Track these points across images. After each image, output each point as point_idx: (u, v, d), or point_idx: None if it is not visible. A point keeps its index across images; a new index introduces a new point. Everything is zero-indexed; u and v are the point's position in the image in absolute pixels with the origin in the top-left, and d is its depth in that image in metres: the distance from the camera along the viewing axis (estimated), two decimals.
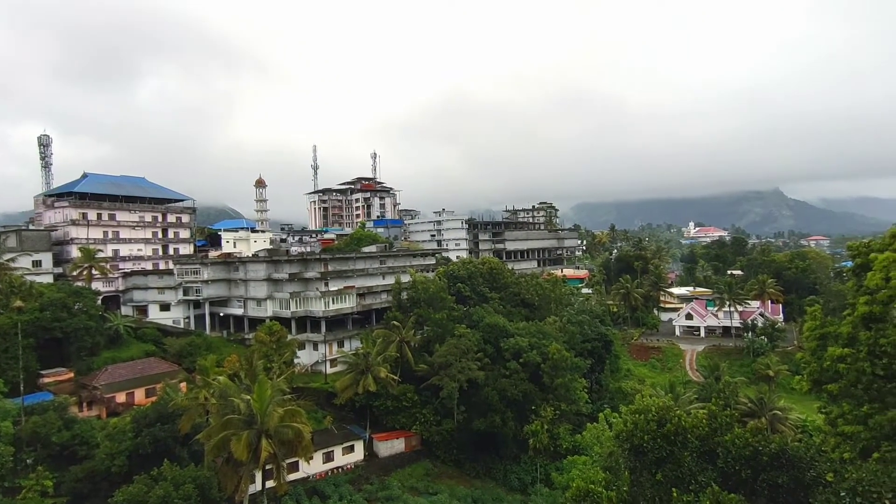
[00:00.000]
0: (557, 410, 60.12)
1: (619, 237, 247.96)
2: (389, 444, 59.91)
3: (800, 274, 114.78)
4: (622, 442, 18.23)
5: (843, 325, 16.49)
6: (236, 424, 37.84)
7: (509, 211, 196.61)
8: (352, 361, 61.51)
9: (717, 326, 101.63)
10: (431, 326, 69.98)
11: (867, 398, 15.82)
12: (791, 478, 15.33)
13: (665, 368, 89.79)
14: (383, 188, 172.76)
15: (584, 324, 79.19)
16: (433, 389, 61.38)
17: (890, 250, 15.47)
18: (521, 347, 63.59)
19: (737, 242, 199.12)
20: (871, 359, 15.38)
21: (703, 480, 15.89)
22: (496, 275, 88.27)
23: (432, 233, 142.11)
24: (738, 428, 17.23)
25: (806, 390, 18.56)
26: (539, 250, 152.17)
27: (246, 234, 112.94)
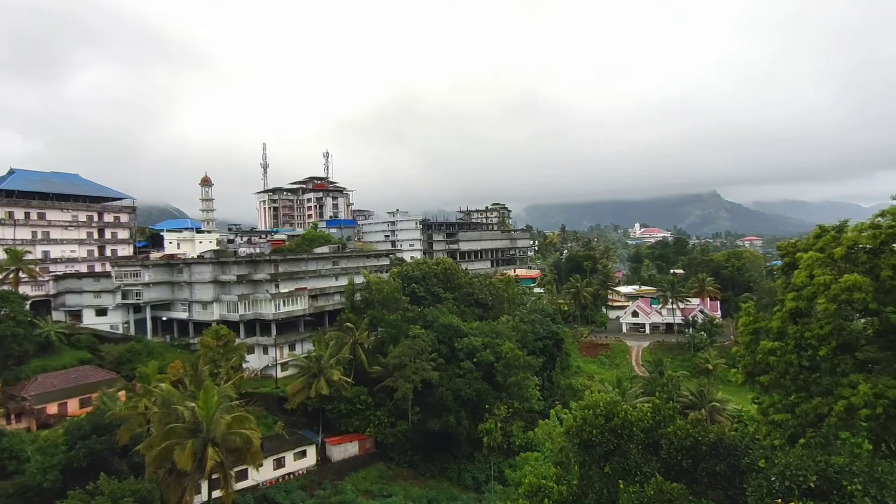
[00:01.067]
0: (510, 408, 61.01)
1: (569, 238, 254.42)
2: (343, 447, 59.01)
3: (735, 272, 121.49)
4: (572, 437, 18.67)
5: (774, 321, 17.61)
6: (180, 433, 36.25)
7: (463, 212, 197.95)
8: (304, 365, 60.19)
9: (661, 323, 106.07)
10: (385, 328, 69.48)
11: (794, 388, 16.97)
12: (728, 465, 16.09)
13: (613, 364, 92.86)
14: (336, 188, 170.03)
15: (536, 323, 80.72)
16: (387, 391, 60.95)
17: (814, 250, 16.65)
18: (474, 347, 64.13)
19: (678, 243, 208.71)
20: (798, 351, 16.50)
21: (647, 471, 16.43)
22: (450, 275, 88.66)
23: (386, 233, 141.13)
24: (679, 420, 17.95)
25: (741, 382, 19.69)
26: (492, 251, 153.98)
27: (191, 235, 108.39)
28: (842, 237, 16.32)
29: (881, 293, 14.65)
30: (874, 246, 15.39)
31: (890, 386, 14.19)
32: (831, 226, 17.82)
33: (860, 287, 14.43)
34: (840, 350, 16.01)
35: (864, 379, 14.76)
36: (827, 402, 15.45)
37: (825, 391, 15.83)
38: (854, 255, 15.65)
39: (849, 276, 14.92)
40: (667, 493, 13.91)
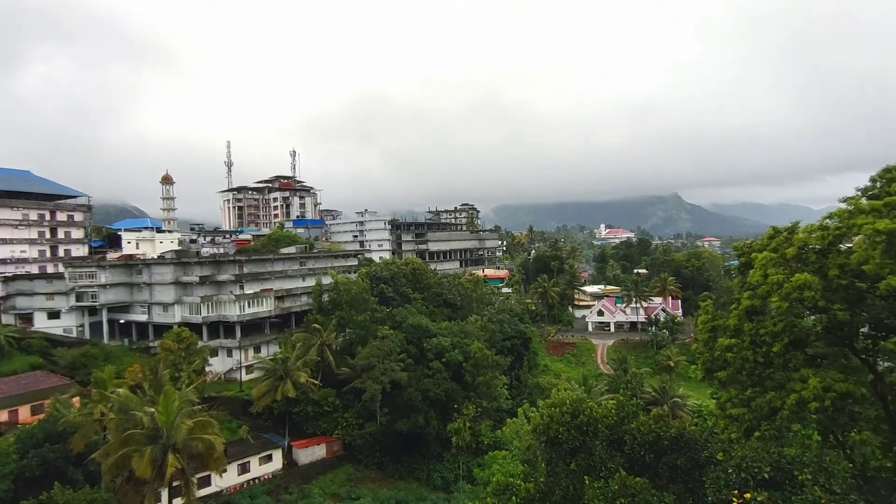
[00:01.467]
0: (479, 408, 61.34)
1: (536, 238, 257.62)
2: (310, 450, 58.16)
3: (695, 272, 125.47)
4: (539, 435, 18.93)
5: (731, 318, 18.29)
6: (138, 440, 35.01)
7: (432, 212, 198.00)
8: (269, 367, 59.04)
9: (626, 322, 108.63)
10: (354, 328, 68.85)
11: (750, 383, 17.66)
12: (688, 459, 16.55)
13: (579, 363, 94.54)
14: (303, 187, 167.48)
15: (504, 322, 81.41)
16: (356, 392, 60.42)
17: (768, 250, 17.37)
18: (443, 347, 64.23)
19: (642, 243, 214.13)
20: (753, 347, 17.18)
21: (612, 466, 16.75)
22: (419, 275, 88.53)
23: (355, 234, 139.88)
24: (642, 416, 18.38)
25: (700, 378, 20.36)
26: (461, 251, 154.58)
27: (150, 235, 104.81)
28: (793, 238, 17.07)
29: (829, 291, 15.39)
30: (823, 246, 16.15)
31: (837, 380, 14.93)
32: (784, 227, 18.62)
33: (810, 286, 15.13)
34: (792, 346, 16.74)
35: (814, 373, 15.47)
36: (780, 396, 16.12)
37: (778, 386, 16.53)
38: (805, 256, 16.38)
39: (799, 275, 15.63)
40: (630, 488, 14.27)
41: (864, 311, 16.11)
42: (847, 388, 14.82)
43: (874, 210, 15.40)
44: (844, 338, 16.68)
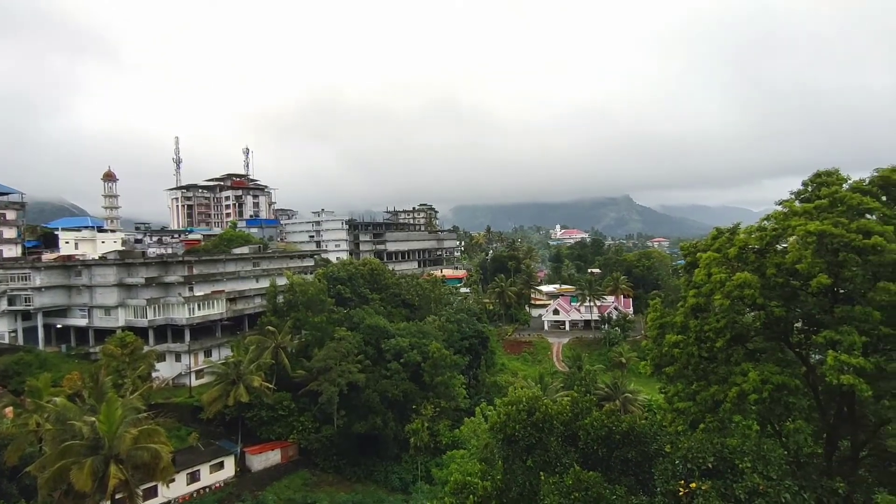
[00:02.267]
0: (437, 408, 61.47)
1: (494, 238, 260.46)
2: (264, 456, 56.64)
3: (646, 271, 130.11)
4: (496, 433, 19.12)
5: (677, 316, 19.07)
6: (78, 451, 33.15)
7: (390, 212, 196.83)
8: (221, 371, 57.12)
9: (580, 320, 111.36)
10: (310, 330, 67.58)
11: (695, 377, 18.48)
12: (638, 452, 17.08)
13: (535, 361, 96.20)
14: (257, 186, 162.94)
15: (462, 322, 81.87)
16: (312, 395, 59.32)
17: (711, 250, 18.22)
18: (401, 348, 63.98)
19: (595, 244, 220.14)
20: (699, 343, 17.98)
21: (566, 462, 17.08)
22: (377, 276, 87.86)
23: (311, 234, 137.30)
24: (595, 411, 18.80)
25: (650, 373, 21.13)
26: (420, 251, 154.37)
27: (91, 234, 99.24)
28: (735, 239, 17.97)
29: (767, 289, 16.29)
30: (761, 246, 17.08)
31: (773, 372, 15.82)
32: (726, 228, 19.59)
33: (749, 284, 15.97)
34: (733, 341, 17.61)
35: (753, 367, 16.32)
36: (723, 389, 16.92)
37: (721, 379, 17.35)
38: (745, 255, 17.26)
39: (740, 274, 16.47)
40: (584, 482, 14.62)
41: (797, 307, 17.14)
42: (783, 381, 15.71)
43: (806, 212, 16.41)
44: (780, 333, 17.69)
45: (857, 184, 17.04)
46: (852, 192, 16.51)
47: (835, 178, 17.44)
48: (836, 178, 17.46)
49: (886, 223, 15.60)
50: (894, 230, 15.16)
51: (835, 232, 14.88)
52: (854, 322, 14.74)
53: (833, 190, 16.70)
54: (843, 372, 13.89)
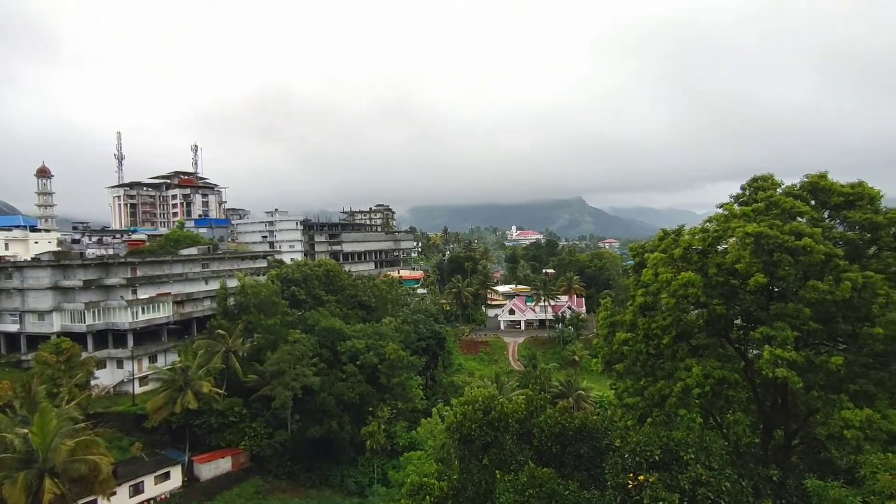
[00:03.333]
0: (394, 409, 61.11)
1: (451, 239, 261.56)
2: (213, 464, 54.67)
3: (598, 271, 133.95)
4: (452, 433, 19.21)
5: (627, 314, 19.76)
6: (9, 465, 31.03)
7: (346, 212, 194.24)
8: (167, 377, 54.75)
9: (535, 320, 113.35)
10: (262, 333, 65.76)
11: (643, 374, 19.19)
12: (590, 447, 17.56)
13: (492, 360, 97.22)
14: (206, 184, 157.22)
15: (419, 323, 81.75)
16: (264, 400, 57.73)
17: (658, 251, 18.98)
18: (358, 350, 63.25)
19: (550, 245, 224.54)
20: (646, 341, 18.68)
21: (521, 459, 17.34)
22: (333, 277, 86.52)
23: (264, 234, 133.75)
24: (549, 409, 19.18)
25: (600, 371, 21.81)
26: (377, 252, 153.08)
27: (23, 234, 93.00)
28: (679, 240, 18.77)
29: (709, 288, 17.11)
30: (704, 247, 17.92)
31: (715, 367, 16.64)
32: (672, 230, 20.45)
33: (693, 283, 16.73)
34: (679, 338, 18.39)
35: (697, 363, 17.10)
36: (669, 384, 17.65)
37: (667, 375, 18.09)
38: (689, 256, 18.06)
39: (685, 273, 17.23)
40: (538, 479, 14.90)
41: (737, 305, 18.08)
42: (723, 375, 16.54)
43: (745, 215, 17.35)
44: (722, 329, 18.62)
45: (789, 188, 18.16)
46: (785, 196, 17.57)
47: (769, 183, 18.52)
48: (771, 183, 18.55)
49: (815, 225, 16.70)
50: (822, 232, 16.25)
51: (770, 234, 15.79)
52: (787, 318, 15.68)
53: (769, 194, 17.73)
54: (778, 365, 14.75)
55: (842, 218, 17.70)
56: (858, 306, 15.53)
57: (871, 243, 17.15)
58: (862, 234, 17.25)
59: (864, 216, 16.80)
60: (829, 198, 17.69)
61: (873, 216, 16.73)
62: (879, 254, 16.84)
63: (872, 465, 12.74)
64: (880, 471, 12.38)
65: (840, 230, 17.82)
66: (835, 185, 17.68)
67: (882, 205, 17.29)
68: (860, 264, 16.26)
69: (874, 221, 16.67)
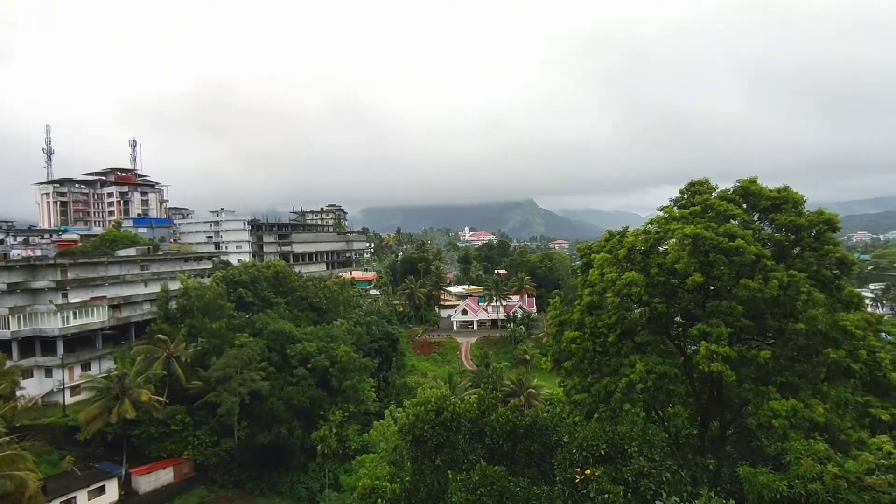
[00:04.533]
0: (346, 412, 60.29)
1: (404, 240, 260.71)
2: (153, 476, 52.14)
3: (548, 272, 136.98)
4: (405, 434, 19.17)
5: (574, 313, 20.32)
6: None
7: (297, 213, 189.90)
8: (102, 386, 51.76)
9: (487, 320, 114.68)
10: (207, 337, 63.29)
11: (590, 370, 19.79)
12: (540, 444, 17.94)
13: (445, 361, 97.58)
14: (146, 182, 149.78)
15: (372, 324, 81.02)
16: (209, 407, 55.58)
17: (604, 252, 19.66)
18: (308, 352, 61.99)
19: (502, 245, 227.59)
20: (593, 339, 19.28)
21: (473, 458, 17.51)
22: (282, 278, 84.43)
23: (209, 234, 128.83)
24: (501, 408, 19.46)
25: (550, 369, 22.27)
26: (328, 253, 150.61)
27: None
28: (624, 241, 19.51)
29: (651, 287, 17.86)
30: (646, 248, 18.69)
31: (657, 363, 17.38)
32: (617, 231, 21.23)
33: (636, 283, 17.43)
34: (623, 336, 19.10)
35: (640, 359, 17.81)
36: (614, 380, 18.29)
37: (613, 371, 18.75)
38: (632, 256, 18.79)
39: (628, 273, 17.92)
40: (490, 477, 15.10)
41: (676, 303, 18.97)
42: (664, 370, 17.30)
43: (683, 217, 18.23)
44: (663, 327, 19.47)
45: (723, 192, 19.22)
46: (720, 199, 18.59)
47: (706, 188, 19.56)
48: (707, 188, 19.58)
49: (746, 227, 17.76)
50: (752, 234, 17.31)
51: (706, 235, 16.66)
52: (721, 315, 16.60)
53: (705, 198, 18.70)
54: (713, 360, 15.58)
55: (770, 220, 18.90)
56: (784, 303, 16.62)
57: (795, 244, 18.40)
58: (787, 235, 18.47)
59: (789, 219, 18.01)
60: (758, 201, 18.84)
61: (797, 219, 17.96)
62: (802, 254, 18.10)
63: (797, 451, 13.68)
64: (803, 456, 13.31)
65: (768, 232, 19.01)
66: (763, 190, 18.87)
67: (805, 208, 18.60)
68: (786, 264, 17.42)
69: (798, 224, 17.90)
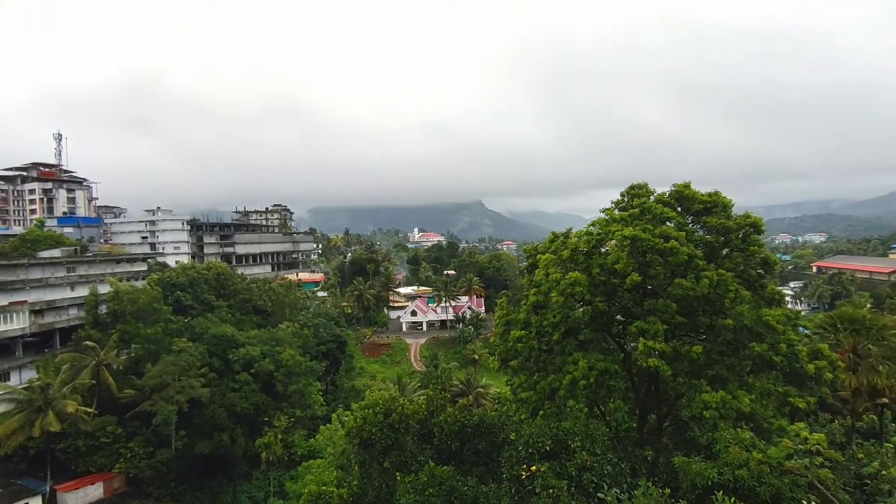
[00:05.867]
0: (292, 418, 58.81)
1: (353, 241, 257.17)
2: (81, 492, 48.83)
3: (496, 272, 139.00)
4: (352, 438, 18.94)
5: (521, 313, 20.76)
6: None
7: (240, 212, 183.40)
8: (23, 398, 47.99)
9: (437, 320, 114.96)
10: (141, 343, 60.02)
11: (536, 369, 20.28)
12: (488, 442, 18.17)
13: (394, 362, 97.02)
14: (73, 178, 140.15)
15: (319, 327, 79.45)
16: (144, 417, 52.72)
17: (549, 253, 20.21)
18: (252, 357, 60.03)
19: (451, 246, 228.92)
20: (539, 337, 19.77)
21: (422, 459, 17.51)
22: (224, 281, 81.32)
23: (144, 235, 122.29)
24: (450, 408, 19.57)
25: (497, 367, 22.69)
26: (274, 254, 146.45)
27: None
28: (567, 242, 20.14)
29: (593, 286, 18.52)
30: (588, 249, 19.36)
31: (599, 360, 18.04)
32: (561, 233, 21.88)
33: (579, 282, 18.02)
34: (567, 334, 19.68)
35: (583, 356, 18.42)
36: (558, 377, 18.82)
37: (557, 369, 19.28)
38: (576, 257, 19.42)
39: (572, 273, 18.50)
40: (438, 477, 15.15)
41: (617, 301, 19.75)
42: (606, 367, 17.97)
43: (623, 220, 19.02)
44: (604, 325, 20.22)
45: (660, 196, 20.21)
46: (657, 203, 19.53)
47: (644, 191, 20.50)
48: (646, 191, 20.53)
49: (680, 229, 18.74)
50: (686, 235, 18.29)
51: (643, 237, 17.46)
52: (658, 313, 17.43)
53: (643, 201, 19.60)
54: (651, 356, 16.35)
55: (702, 223, 20.05)
56: (714, 301, 17.66)
57: (725, 245, 19.61)
58: (717, 237, 19.65)
59: (719, 221, 19.18)
60: (691, 205, 19.95)
61: (726, 222, 19.15)
62: (731, 254, 19.32)
63: (726, 440, 14.58)
64: (731, 444, 14.20)
65: (700, 234, 20.16)
66: (696, 194, 19.99)
67: (733, 212, 19.85)
68: (716, 264, 18.53)
69: (727, 226, 19.10)
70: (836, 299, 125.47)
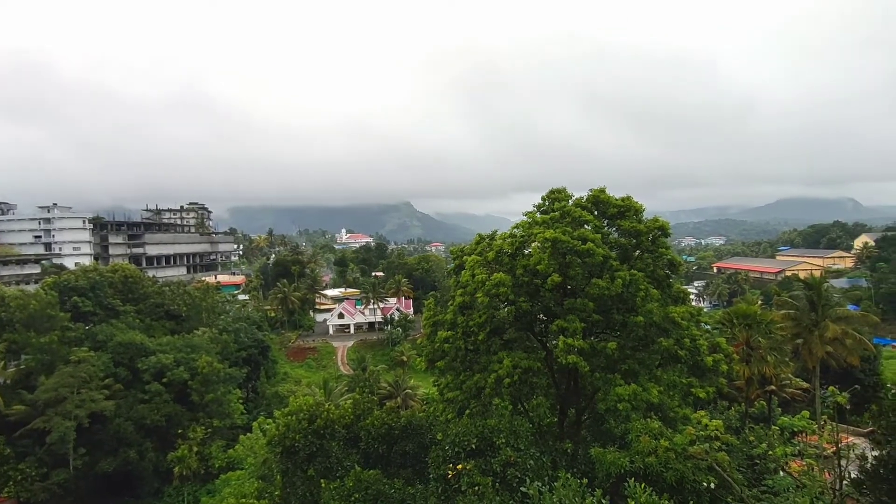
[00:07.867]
0: (210, 428, 55.67)
1: (277, 242, 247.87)
2: None
3: (425, 273, 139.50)
4: (274, 446, 18.31)
5: (448, 314, 20.99)
6: None
7: (151, 210, 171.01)
8: None
9: (364, 322, 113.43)
10: (33, 354, 54.33)
11: (462, 368, 20.60)
12: (416, 444, 18.21)
13: (320, 367, 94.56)
14: None
15: (240, 331, 75.86)
16: (37, 435, 47.75)
17: (475, 254, 20.62)
18: (164, 365, 56.18)
19: (379, 248, 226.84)
20: (465, 337, 20.09)
21: (348, 465, 17.25)
22: (132, 284, 75.54)
23: (37, 234, 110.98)
24: (377, 411, 19.43)
25: (425, 368, 22.74)
26: (189, 255, 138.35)
27: None
28: (493, 244, 20.66)
29: (517, 287, 19.12)
30: (512, 251, 19.96)
31: (522, 358, 18.65)
32: (486, 235, 22.40)
33: (504, 283, 18.54)
34: (493, 334, 20.18)
35: (507, 355, 18.96)
36: (484, 376, 19.23)
37: (483, 368, 19.70)
38: (501, 258, 19.95)
39: (497, 274, 19.00)
40: (364, 482, 14.97)
41: (539, 301, 20.50)
42: (529, 364, 18.61)
43: (544, 222, 19.78)
44: (527, 324, 20.93)
45: (577, 200, 21.22)
46: (575, 206, 20.50)
47: (563, 195, 21.44)
48: (565, 195, 21.49)
49: (597, 232, 19.80)
50: (601, 238, 19.35)
51: (563, 239, 18.26)
52: (576, 312, 18.30)
53: (562, 205, 20.49)
54: (570, 353, 17.12)
55: (616, 226, 21.29)
56: (627, 299, 18.81)
57: (636, 247, 20.95)
58: (630, 239, 20.95)
59: (631, 225, 20.46)
60: (607, 209, 21.12)
61: (637, 225, 20.47)
62: (642, 256, 20.66)
63: (637, 430, 15.59)
64: (642, 434, 15.20)
65: (615, 236, 21.40)
66: (611, 199, 21.19)
67: (644, 216, 21.25)
68: (628, 264, 19.74)
69: (638, 229, 20.41)
70: (732, 297, 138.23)
